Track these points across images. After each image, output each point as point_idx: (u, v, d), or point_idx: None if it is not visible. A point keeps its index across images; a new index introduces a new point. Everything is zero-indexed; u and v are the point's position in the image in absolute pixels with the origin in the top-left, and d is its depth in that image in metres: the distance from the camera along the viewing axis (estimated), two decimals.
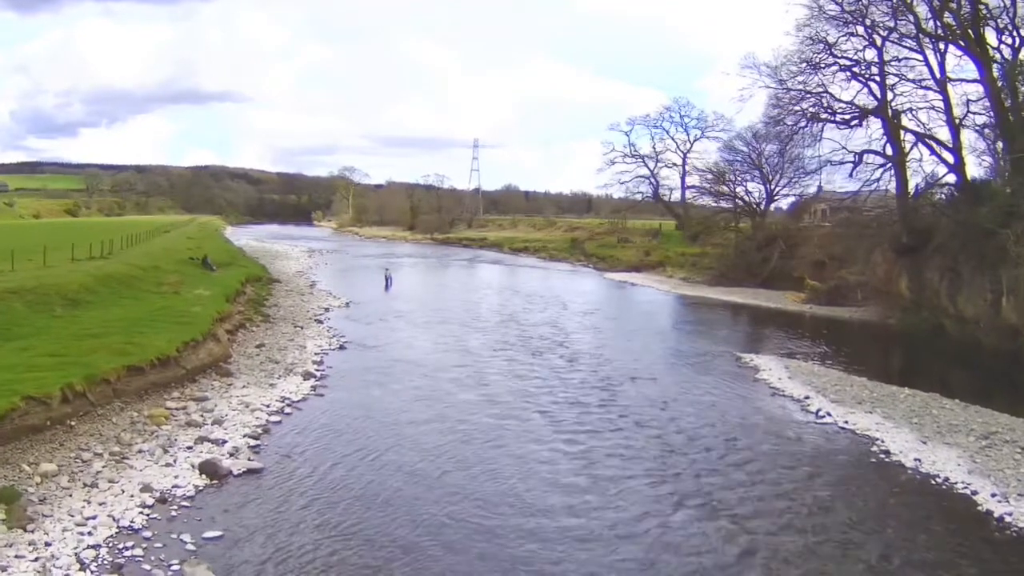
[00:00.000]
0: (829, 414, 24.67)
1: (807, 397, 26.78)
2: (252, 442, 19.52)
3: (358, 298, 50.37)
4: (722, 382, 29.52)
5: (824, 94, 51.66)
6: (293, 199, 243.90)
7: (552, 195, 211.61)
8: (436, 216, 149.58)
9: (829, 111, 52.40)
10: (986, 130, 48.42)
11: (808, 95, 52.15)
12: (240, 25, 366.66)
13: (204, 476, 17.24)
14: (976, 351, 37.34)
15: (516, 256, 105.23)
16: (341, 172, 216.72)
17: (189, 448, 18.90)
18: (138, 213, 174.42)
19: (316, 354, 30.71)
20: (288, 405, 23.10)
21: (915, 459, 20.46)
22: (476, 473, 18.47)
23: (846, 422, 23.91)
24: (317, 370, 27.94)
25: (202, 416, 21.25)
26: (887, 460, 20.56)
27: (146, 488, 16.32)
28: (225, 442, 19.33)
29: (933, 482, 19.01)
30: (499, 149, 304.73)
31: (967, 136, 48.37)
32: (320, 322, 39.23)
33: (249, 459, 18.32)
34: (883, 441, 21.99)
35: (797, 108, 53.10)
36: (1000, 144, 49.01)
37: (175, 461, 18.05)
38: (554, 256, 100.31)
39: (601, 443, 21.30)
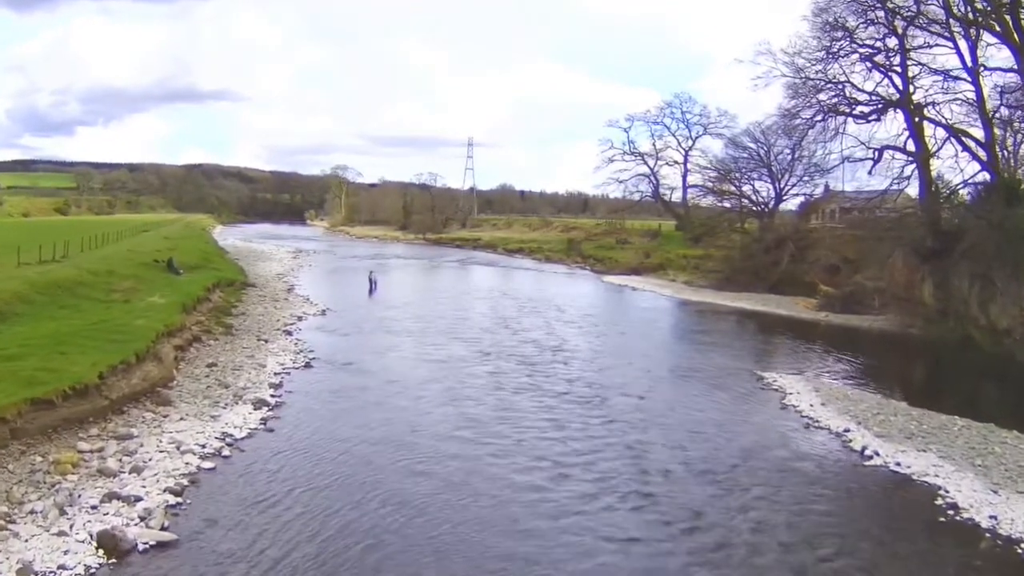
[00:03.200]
0: (877, 453, 20.79)
1: (847, 430, 22.86)
2: (172, 500, 15.56)
3: (338, 304, 46.46)
4: (746, 409, 25.64)
5: (845, 84, 47.96)
6: (286, 198, 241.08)
7: (547, 195, 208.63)
8: (429, 216, 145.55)
9: (851, 102, 48.72)
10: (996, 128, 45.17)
11: (828, 85, 48.44)
12: (236, 24, 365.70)
13: (102, 551, 13.41)
14: (1011, 366, 33.98)
15: (511, 257, 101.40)
16: (334, 171, 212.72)
17: (93, 508, 15.02)
18: (129, 212, 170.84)
19: (276, 375, 26.62)
20: (228, 445, 19.01)
21: (990, 516, 16.65)
22: (452, 539, 14.65)
23: (898, 464, 20.05)
24: (272, 396, 23.79)
25: (120, 461, 17.32)
26: (958, 519, 16.69)
27: (25, 569, 12.60)
28: (139, 500, 15.41)
29: (1019, 549, 15.24)
30: (493, 149, 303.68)
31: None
32: (289, 334, 35.16)
33: (163, 526, 14.36)
34: (947, 491, 18.16)
35: (815, 100, 49.49)
36: (1011, 140, 45.65)
37: (71, 527, 14.21)
38: (550, 257, 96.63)
39: (595, 484, 17.68)
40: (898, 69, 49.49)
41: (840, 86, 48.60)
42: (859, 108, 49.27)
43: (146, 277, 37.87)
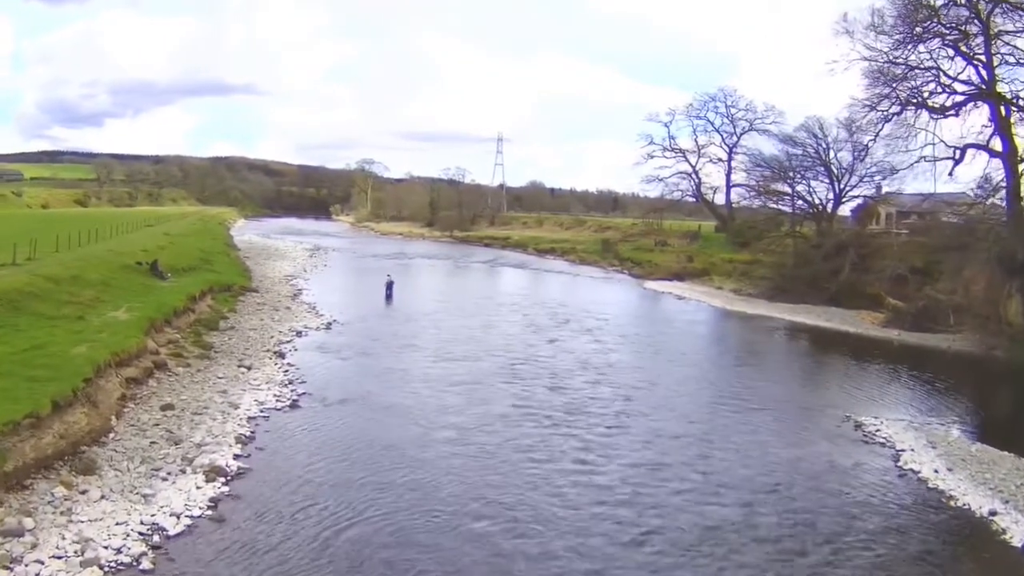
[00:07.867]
0: None
1: (994, 512, 17.08)
2: None
3: (347, 315, 40.81)
4: (853, 474, 19.84)
5: (934, 71, 42.19)
6: (312, 192, 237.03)
7: (578, 192, 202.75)
8: (457, 212, 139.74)
9: (948, 90, 42.92)
10: None
11: (917, 71, 42.65)
12: (263, 18, 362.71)
13: None
14: None
15: (542, 258, 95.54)
16: (360, 165, 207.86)
17: None
18: (150, 204, 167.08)
19: (249, 420, 20.78)
20: (154, 548, 13.30)
21: None
22: None
23: None
24: (236, 458, 17.84)
25: None
26: None
27: None
28: None
29: None
30: (519, 145, 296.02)
31: None
32: (281, 356, 29.36)
33: None
34: None
35: (894, 89, 43.78)
36: None
37: None
38: (584, 259, 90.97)
39: None
40: (982, 58, 43.88)
41: (932, 72, 42.70)
42: (941, 100, 43.61)
43: (118, 284, 32.41)
